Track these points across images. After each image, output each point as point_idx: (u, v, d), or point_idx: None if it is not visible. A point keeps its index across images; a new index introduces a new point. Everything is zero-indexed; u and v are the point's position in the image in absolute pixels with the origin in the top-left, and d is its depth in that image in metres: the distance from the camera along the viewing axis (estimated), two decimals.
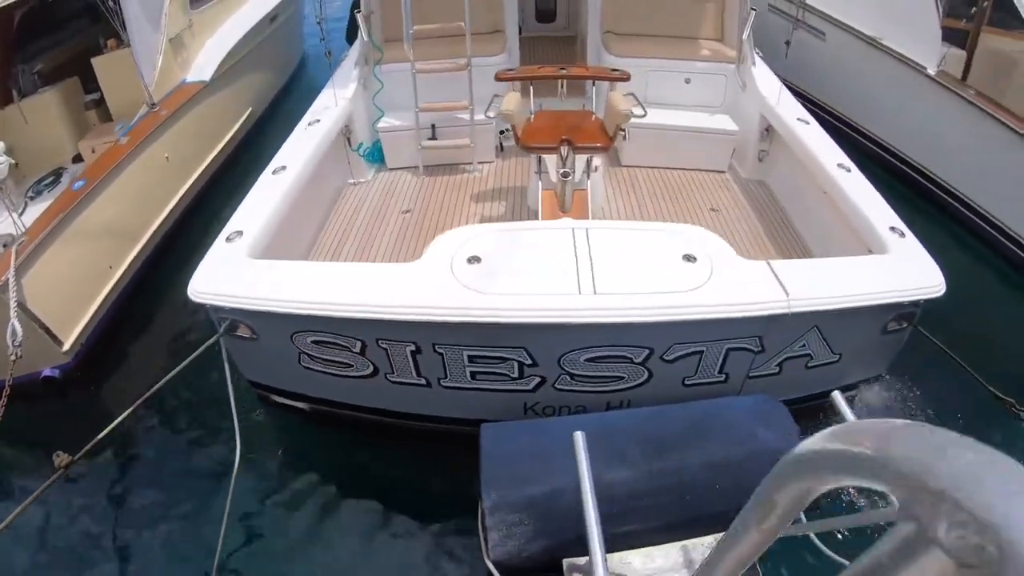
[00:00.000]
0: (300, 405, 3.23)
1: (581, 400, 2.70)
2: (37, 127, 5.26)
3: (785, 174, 4.10)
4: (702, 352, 2.53)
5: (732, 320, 2.35)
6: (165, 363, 3.11)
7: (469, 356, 2.55)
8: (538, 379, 2.61)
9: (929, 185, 5.31)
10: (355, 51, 4.57)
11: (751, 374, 2.69)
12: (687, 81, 4.57)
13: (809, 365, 2.74)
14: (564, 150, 3.27)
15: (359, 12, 4.15)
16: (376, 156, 4.52)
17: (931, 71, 5.14)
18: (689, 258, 2.53)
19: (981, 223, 4.82)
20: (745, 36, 4.32)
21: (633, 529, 2.15)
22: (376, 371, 2.74)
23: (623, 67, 4.36)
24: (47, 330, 3.71)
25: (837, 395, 1.76)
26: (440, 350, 2.55)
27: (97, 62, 5.17)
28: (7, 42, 5.20)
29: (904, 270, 2.65)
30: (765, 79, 4.34)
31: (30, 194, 4.80)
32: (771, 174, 4.34)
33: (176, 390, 3.62)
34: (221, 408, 2.82)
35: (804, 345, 2.62)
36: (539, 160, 3.52)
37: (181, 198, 5.01)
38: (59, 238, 3.94)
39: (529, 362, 2.53)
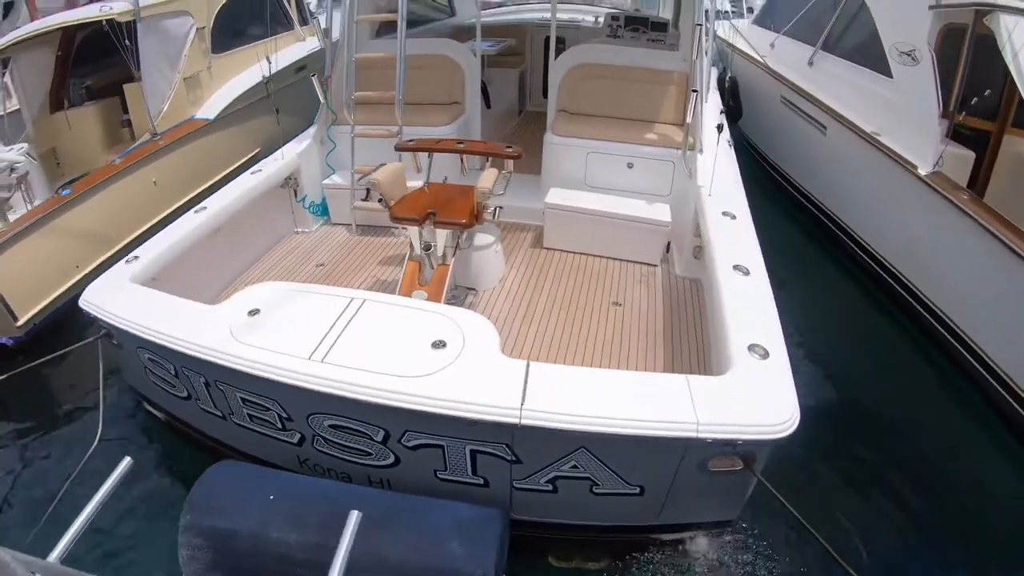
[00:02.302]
0: (157, 413, 3.57)
1: (345, 468, 2.77)
2: (78, 135, 6.08)
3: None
4: (443, 447, 2.47)
5: (450, 418, 2.27)
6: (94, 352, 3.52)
7: (241, 399, 2.71)
8: (299, 435, 2.71)
9: (917, 306, 4.84)
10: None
11: (516, 485, 2.59)
12: (630, 166, 4.46)
13: (596, 492, 2.56)
14: (426, 225, 3.38)
15: (313, 76, 4.53)
16: (322, 210, 4.90)
17: (922, 171, 4.66)
18: (439, 344, 2.49)
19: (973, 361, 4.26)
20: (689, 119, 4.13)
21: None
22: (189, 396, 3.00)
23: (563, 147, 4.55)
24: (5, 304, 4.32)
25: None
26: (221, 387, 2.74)
27: (128, 88, 5.93)
28: (67, 57, 6.03)
29: (737, 399, 2.29)
30: (709, 167, 4.02)
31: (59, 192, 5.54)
32: (707, 273, 4.12)
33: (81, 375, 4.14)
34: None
35: (576, 467, 2.45)
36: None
37: (161, 220, 5.49)
38: (35, 233, 4.55)
39: (285, 415, 2.64)
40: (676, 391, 2.31)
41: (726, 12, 8.76)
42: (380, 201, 3.55)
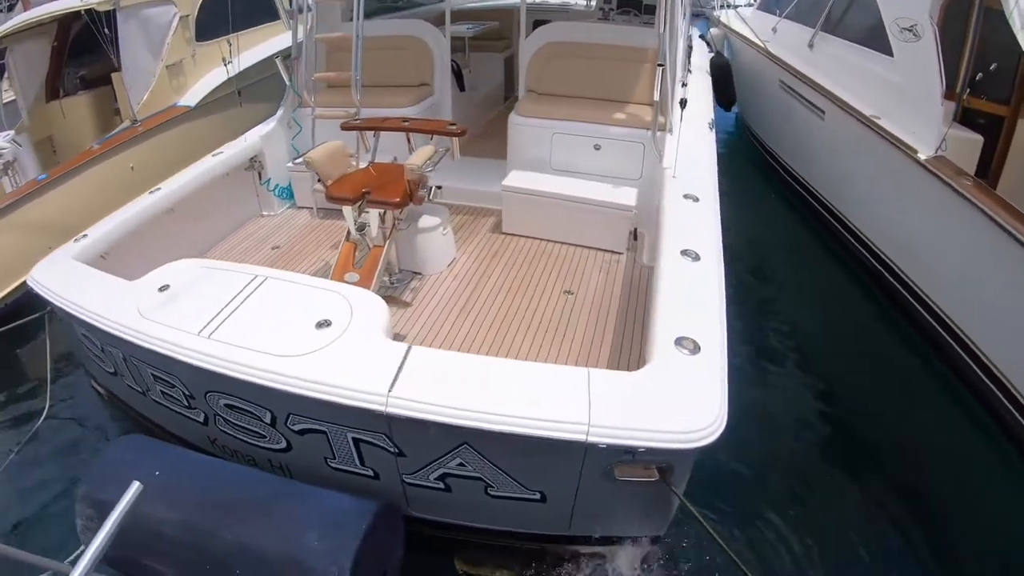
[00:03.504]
0: (99, 390, 3.55)
1: (249, 451, 2.68)
2: (72, 123, 6.19)
3: None
4: (326, 433, 2.35)
5: (324, 402, 2.13)
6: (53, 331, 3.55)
7: (152, 375, 2.66)
8: (203, 414, 2.64)
9: (914, 302, 4.52)
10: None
11: (407, 480, 2.44)
12: (597, 147, 4.21)
13: (492, 494, 2.38)
14: (360, 204, 3.26)
15: (278, 59, 4.44)
16: (288, 193, 4.83)
17: (922, 155, 4.31)
18: (324, 323, 2.37)
19: (972, 364, 3.94)
20: (656, 97, 3.83)
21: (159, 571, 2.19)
22: (116, 372, 2.97)
23: (527, 127, 4.36)
24: None
25: None
26: (135, 363, 2.70)
27: (116, 77, 5.98)
28: (62, 47, 6.13)
29: (647, 399, 2.03)
30: (676, 148, 3.79)
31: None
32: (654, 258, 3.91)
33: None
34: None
35: (463, 465, 2.27)
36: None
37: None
38: (10, 215, 4.64)
39: (188, 393, 2.58)
40: (573, 386, 2.05)
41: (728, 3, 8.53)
42: (319, 181, 3.46)
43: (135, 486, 1.72)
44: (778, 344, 4.63)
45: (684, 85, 3.89)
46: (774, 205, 6.81)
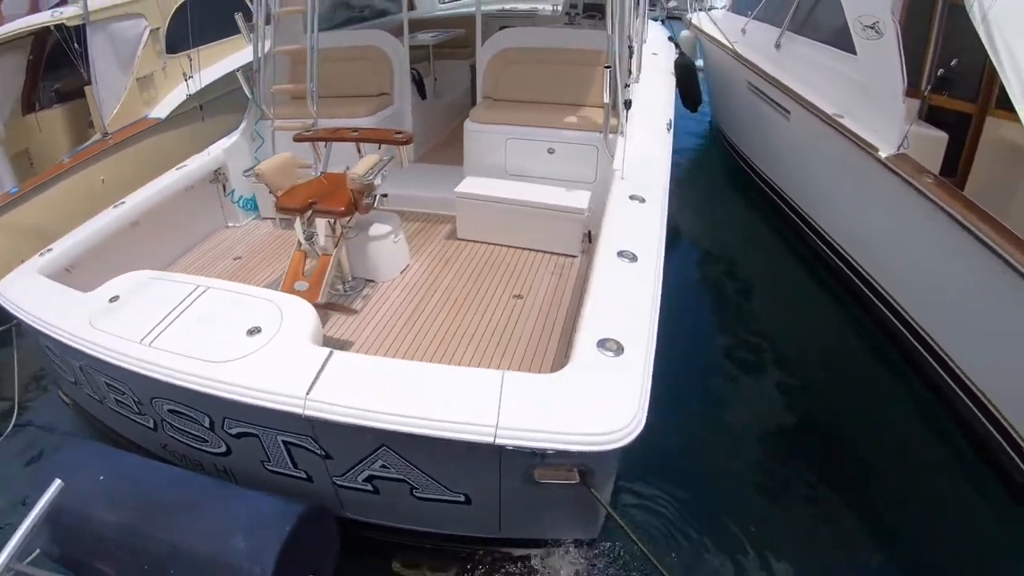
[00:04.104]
0: (65, 399, 3.57)
1: (196, 456, 2.74)
2: (49, 136, 6.23)
3: None
4: (259, 436, 2.41)
5: (253, 406, 2.19)
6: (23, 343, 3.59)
7: (105, 383, 2.72)
8: (152, 420, 2.70)
9: (877, 302, 4.51)
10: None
11: (337, 482, 2.49)
12: (551, 151, 4.25)
13: (418, 496, 2.42)
14: (307, 215, 3.33)
15: (239, 72, 4.48)
16: (252, 204, 4.88)
17: (883, 153, 4.27)
18: (254, 331, 2.43)
19: (935, 364, 3.90)
20: (606, 99, 3.82)
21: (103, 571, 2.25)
22: (76, 381, 3.04)
23: (481, 134, 4.39)
24: None
25: None
26: (88, 371, 2.76)
27: (88, 90, 6.06)
28: (38, 61, 6.18)
29: (561, 401, 2.03)
30: (630, 149, 3.84)
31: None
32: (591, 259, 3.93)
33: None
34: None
35: (386, 467, 2.32)
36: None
37: None
38: None
39: (136, 399, 2.64)
40: (485, 389, 2.08)
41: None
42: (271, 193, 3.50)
43: (56, 484, 1.78)
44: (738, 344, 4.65)
45: (627, 86, 3.88)
46: (743, 206, 6.83)
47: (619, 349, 2.22)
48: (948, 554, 3.00)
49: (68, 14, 5.49)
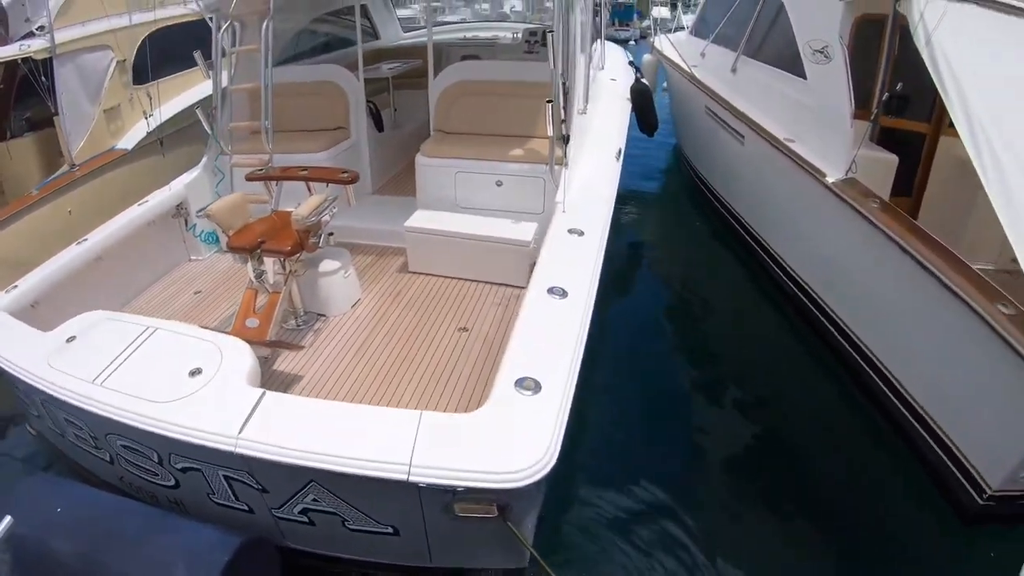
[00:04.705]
0: (32, 431, 3.67)
1: (150, 489, 2.85)
2: (19, 163, 6.33)
3: None
4: (201, 471, 2.53)
5: (185, 443, 2.33)
6: None
7: (64, 419, 2.85)
8: (108, 454, 2.82)
9: (833, 331, 4.55)
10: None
11: (276, 514, 2.61)
12: (499, 184, 4.35)
13: (350, 528, 2.54)
14: (256, 253, 3.46)
15: (198, 109, 4.55)
16: (214, 238, 4.97)
17: (830, 179, 4.35)
18: (195, 372, 2.57)
19: (884, 387, 3.96)
20: (550, 132, 3.87)
21: None
22: (39, 415, 3.16)
23: (431, 168, 4.50)
24: None
25: None
26: (49, 408, 2.89)
27: (57, 120, 6.16)
28: (8, 91, 6.29)
29: (473, 440, 2.15)
30: (574, 181, 3.91)
31: None
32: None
33: None
34: None
35: (316, 500, 2.44)
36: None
37: None
38: None
39: (93, 435, 2.78)
40: (403, 428, 2.21)
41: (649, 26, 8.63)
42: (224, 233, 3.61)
43: (6, 520, 1.92)
44: (691, 365, 4.80)
45: (562, 121, 3.94)
46: (703, 229, 6.97)
47: (536, 387, 2.34)
48: None
49: (35, 47, 5.60)
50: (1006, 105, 3.45)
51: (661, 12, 18.38)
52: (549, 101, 3.81)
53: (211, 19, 4.45)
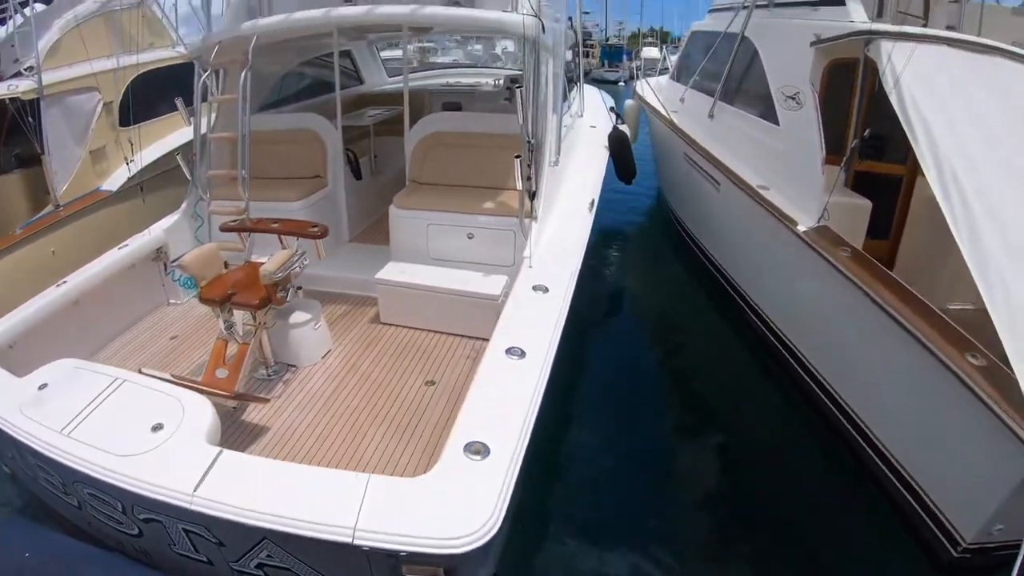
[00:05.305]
0: (6, 469, 3.61)
1: (116, 536, 2.87)
2: (7, 199, 6.39)
3: None
4: (162, 522, 2.55)
5: (145, 497, 2.38)
6: None
7: (36, 464, 2.86)
8: (77, 500, 2.84)
9: (805, 376, 4.51)
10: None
11: (234, 567, 2.60)
12: (470, 236, 4.38)
13: None
14: (226, 306, 3.50)
15: (178, 155, 4.65)
16: (192, 283, 4.96)
17: (801, 227, 4.33)
18: (157, 427, 2.63)
19: (859, 437, 3.92)
20: (519, 185, 3.90)
21: None
22: (13, 456, 3.14)
23: (405, 219, 4.53)
24: None
25: None
26: (17, 450, 2.91)
27: (44, 159, 6.22)
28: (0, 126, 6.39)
29: (419, 505, 2.17)
30: (531, 238, 3.95)
31: None
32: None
33: None
34: None
35: (271, 556, 2.45)
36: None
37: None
38: None
39: (61, 482, 2.81)
40: (350, 491, 2.24)
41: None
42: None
43: None
44: (665, 412, 4.81)
45: (528, 178, 3.97)
46: (683, 275, 7.02)
47: (485, 451, 2.36)
48: None
49: (23, 88, 5.69)
50: (976, 149, 3.49)
51: (651, 52, 18.67)
52: (517, 156, 3.88)
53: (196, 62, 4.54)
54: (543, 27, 4.03)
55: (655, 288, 7.12)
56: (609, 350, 5.72)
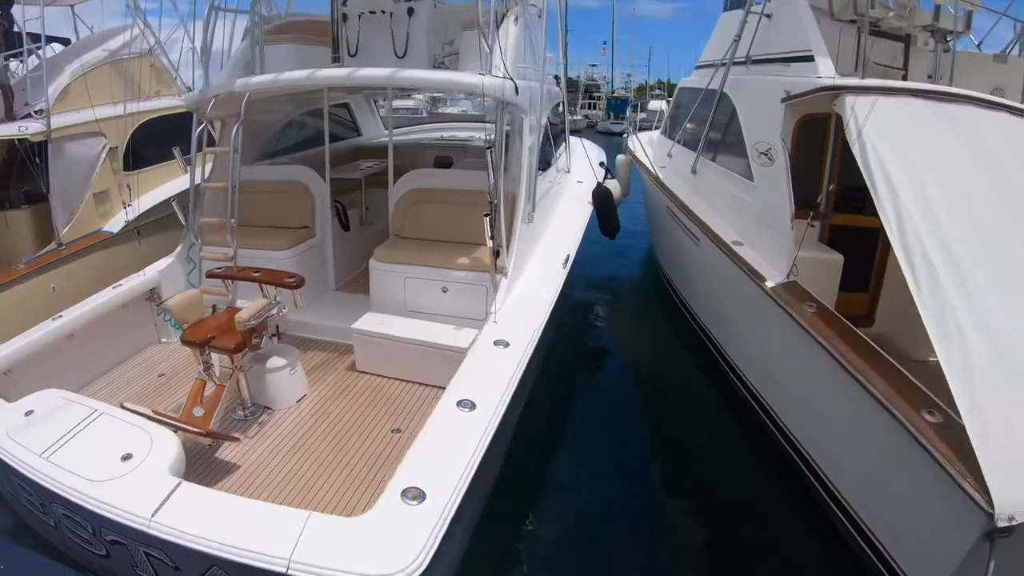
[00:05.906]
0: None
1: (88, 558, 2.99)
2: (15, 233, 6.62)
3: None
4: (126, 545, 2.68)
5: (109, 519, 2.55)
6: None
7: (19, 484, 3.03)
8: (53, 520, 2.99)
9: (776, 432, 4.50)
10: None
11: None
12: (444, 290, 4.54)
13: None
14: (205, 349, 3.70)
15: (174, 202, 4.89)
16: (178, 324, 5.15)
17: (769, 283, 4.32)
18: (127, 457, 2.83)
19: (827, 497, 3.86)
20: (488, 243, 4.08)
21: None
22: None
23: (383, 272, 4.70)
24: None
25: None
26: (4, 470, 3.08)
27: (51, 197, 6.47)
28: (10, 164, 6.60)
29: (352, 543, 2.32)
30: (499, 294, 4.13)
31: None
32: None
33: None
34: None
35: None
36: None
37: None
38: None
39: (40, 503, 2.97)
40: (291, 525, 2.40)
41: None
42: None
43: None
44: (644, 464, 4.90)
45: (490, 238, 4.14)
46: (665, 329, 7.12)
47: (421, 497, 2.50)
48: None
49: (32, 130, 5.97)
50: (937, 199, 3.51)
51: (657, 105, 19.05)
52: (487, 215, 4.06)
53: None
54: (516, 89, 4.24)
55: (641, 342, 7.23)
56: (592, 403, 5.78)
